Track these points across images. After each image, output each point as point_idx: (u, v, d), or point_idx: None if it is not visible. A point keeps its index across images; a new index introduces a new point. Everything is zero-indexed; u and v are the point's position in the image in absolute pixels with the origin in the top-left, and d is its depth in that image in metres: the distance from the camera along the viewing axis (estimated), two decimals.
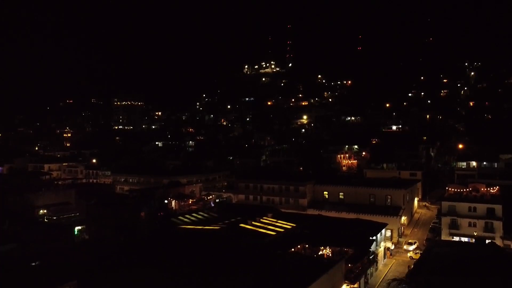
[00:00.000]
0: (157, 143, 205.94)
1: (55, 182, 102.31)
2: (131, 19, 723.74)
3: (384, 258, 62.25)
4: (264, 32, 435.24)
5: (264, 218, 63.14)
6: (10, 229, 53.07)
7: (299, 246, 52.81)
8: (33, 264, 32.31)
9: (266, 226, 58.66)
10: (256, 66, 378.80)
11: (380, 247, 61.41)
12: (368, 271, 53.50)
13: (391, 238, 68.92)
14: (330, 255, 50.73)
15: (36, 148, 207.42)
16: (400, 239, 70.34)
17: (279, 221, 61.66)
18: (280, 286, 36.46)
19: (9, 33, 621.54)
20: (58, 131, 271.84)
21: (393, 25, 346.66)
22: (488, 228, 64.57)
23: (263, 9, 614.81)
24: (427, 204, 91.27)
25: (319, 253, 51.24)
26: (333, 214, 72.92)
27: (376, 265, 57.58)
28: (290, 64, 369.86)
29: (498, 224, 64.08)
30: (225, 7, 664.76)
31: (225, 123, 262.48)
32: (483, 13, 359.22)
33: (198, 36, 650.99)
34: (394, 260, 62.11)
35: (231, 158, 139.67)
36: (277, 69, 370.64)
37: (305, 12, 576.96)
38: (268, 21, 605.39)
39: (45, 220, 70.00)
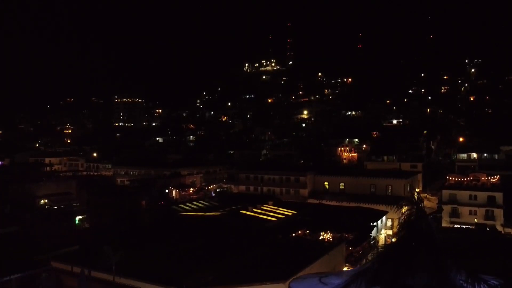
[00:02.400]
0: (157, 138, 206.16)
1: (56, 174, 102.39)
2: (131, 17, 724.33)
3: None
4: (264, 30, 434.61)
5: (265, 205, 63.28)
6: (12, 214, 53.29)
7: (299, 232, 52.99)
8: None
9: (267, 212, 58.80)
10: (257, 64, 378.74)
11: (381, 234, 61.53)
12: (369, 256, 53.53)
13: (391, 227, 69.00)
14: (331, 240, 50.83)
15: (37, 145, 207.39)
16: None
17: (280, 209, 61.84)
18: (282, 265, 36.54)
19: (9, 32, 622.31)
20: (58, 128, 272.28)
21: (394, 23, 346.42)
22: (489, 216, 64.71)
23: (264, 7, 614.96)
24: (427, 195, 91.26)
25: (320, 238, 51.36)
26: (333, 203, 73.00)
27: (377, 251, 57.62)
28: (291, 62, 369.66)
29: (498, 212, 64.26)
30: (225, 5, 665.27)
31: (225, 119, 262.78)
32: (483, 10, 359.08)
33: (199, 34, 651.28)
34: None
35: (231, 152, 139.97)
36: (278, 67, 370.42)
37: (306, 11, 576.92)
38: (268, 20, 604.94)
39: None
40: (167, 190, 75.86)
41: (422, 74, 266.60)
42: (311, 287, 13.58)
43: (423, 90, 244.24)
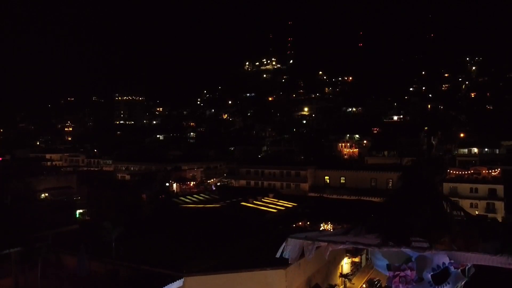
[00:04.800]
0: (158, 136, 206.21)
1: (57, 169, 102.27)
2: (132, 15, 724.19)
3: None
4: (265, 29, 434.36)
5: (266, 198, 63.28)
6: (12, 206, 53.16)
7: (300, 223, 52.96)
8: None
9: (267, 204, 58.76)
10: (257, 63, 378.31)
11: None
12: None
13: None
14: (332, 231, 50.81)
15: (38, 143, 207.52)
16: None
17: (280, 201, 61.80)
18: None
19: (10, 31, 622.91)
20: (59, 126, 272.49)
21: (394, 21, 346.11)
22: (490, 209, 64.51)
23: (264, 6, 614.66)
24: None
25: (320, 229, 51.30)
26: (334, 197, 72.85)
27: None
28: (291, 61, 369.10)
29: (499, 205, 64.07)
30: (226, 4, 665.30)
31: (226, 117, 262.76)
32: (484, 8, 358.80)
33: (200, 33, 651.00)
34: None
35: (232, 148, 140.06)
36: (278, 65, 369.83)
37: (306, 9, 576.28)
38: (269, 18, 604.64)
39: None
40: (167, 184, 75.85)
41: (423, 72, 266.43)
42: (309, 233, 13.66)
43: (423, 88, 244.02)
